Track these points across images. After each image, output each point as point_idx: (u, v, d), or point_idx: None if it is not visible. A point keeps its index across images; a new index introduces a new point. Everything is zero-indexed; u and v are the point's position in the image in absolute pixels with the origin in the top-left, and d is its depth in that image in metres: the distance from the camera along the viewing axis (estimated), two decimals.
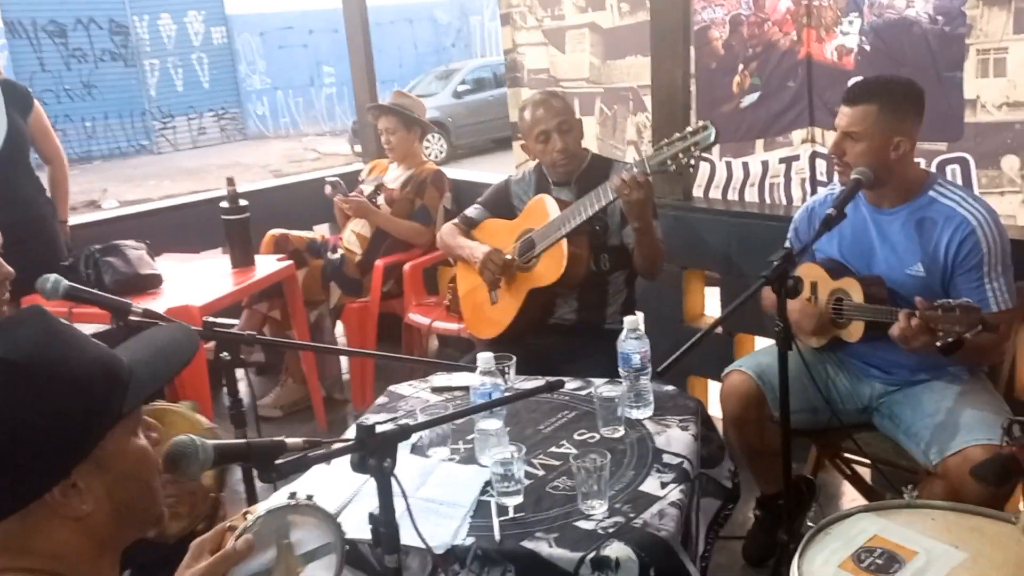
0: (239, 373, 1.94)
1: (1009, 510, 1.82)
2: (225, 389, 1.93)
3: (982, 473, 1.56)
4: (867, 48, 2.81)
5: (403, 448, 1.93)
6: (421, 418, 1.96)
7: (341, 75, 16.97)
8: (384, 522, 1.38)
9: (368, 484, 1.39)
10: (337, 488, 1.75)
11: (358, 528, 1.50)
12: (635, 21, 3.50)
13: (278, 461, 1.18)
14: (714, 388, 3.10)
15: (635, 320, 2.03)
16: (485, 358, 1.95)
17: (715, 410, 2.51)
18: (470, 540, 1.60)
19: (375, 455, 1.33)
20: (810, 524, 1.60)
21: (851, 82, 2.23)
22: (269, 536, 1.18)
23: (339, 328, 4.01)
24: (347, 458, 1.33)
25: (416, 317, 3.62)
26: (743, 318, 3.10)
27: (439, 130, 12.25)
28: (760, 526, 2.60)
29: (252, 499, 1.96)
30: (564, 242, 2.52)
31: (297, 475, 1.23)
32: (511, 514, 1.67)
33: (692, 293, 3.37)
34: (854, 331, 2.25)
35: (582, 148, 2.74)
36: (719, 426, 2.38)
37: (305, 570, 1.19)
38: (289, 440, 1.20)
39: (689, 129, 2.25)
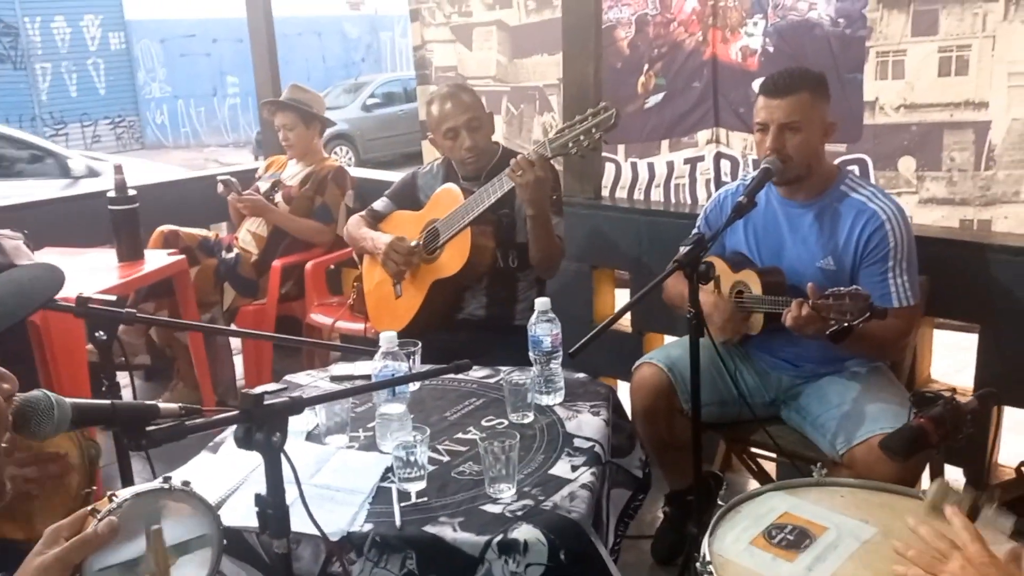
0: (123, 379, 1.78)
1: None
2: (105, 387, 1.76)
3: (891, 445, 1.56)
4: (770, 49, 2.86)
5: (299, 435, 1.83)
6: (320, 407, 1.85)
7: (245, 85, 16.54)
8: (272, 504, 1.26)
9: (257, 472, 1.27)
10: (225, 477, 1.63)
11: (245, 516, 1.38)
12: (541, 19, 3.49)
13: (149, 428, 1.06)
14: (624, 388, 3.08)
15: (545, 302, 1.98)
16: (388, 337, 1.86)
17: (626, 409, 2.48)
18: (368, 527, 1.50)
19: (262, 428, 1.21)
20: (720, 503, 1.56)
21: (764, 78, 2.24)
22: (137, 522, 1.04)
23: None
24: (239, 447, 1.22)
25: (318, 317, 3.48)
26: (653, 317, 3.10)
27: (347, 143, 12.09)
28: (669, 523, 2.57)
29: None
30: (468, 231, 2.45)
31: (172, 443, 1.10)
32: (413, 500, 1.58)
33: (602, 293, 3.35)
34: (755, 323, 2.25)
35: (492, 143, 2.69)
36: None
37: (177, 563, 1.05)
38: (163, 405, 1.07)
39: (590, 111, 2.22)
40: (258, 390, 1.21)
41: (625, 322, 3.34)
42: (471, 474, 1.67)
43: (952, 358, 2.76)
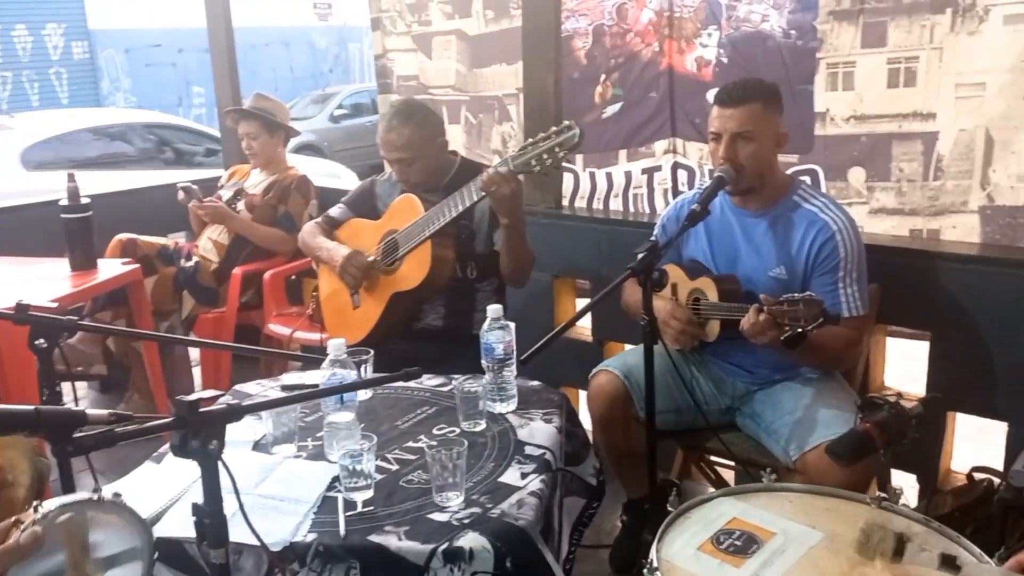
0: (68, 390, 1.73)
1: None
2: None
3: (837, 450, 1.57)
4: (725, 60, 2.89)
5: (245, 445, 1.80)
6: (267, 417, 1.82)
7: (211, 96, 16.29)
8: (210, 513, 1.24)
9: (200, 482, 1.25)
10: (167, 487, 1.59)
11: (185, 526, 1.35)
12: (500, 28, 3.49)
13: (77, 434, 1.03)
14: (584, 398, 3.08)
15: (498, 309, 1.97)
16: (336, 345, 1.83)
17: (586, 421, 2.47)
18: (312, 536, 1.48)
19: (198, 436, 1.19)
20: (670, 509, 1.56)
21: (718, 88, 2.27)
22: (62, 534, 1.01)
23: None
24: (175, 455, 1.19)
25: (276, 327, 3.44)
26: (614, 326, 3.11)
27: (314, 153, 12.01)
28: (627, 532, 2.57)
29: None
30: (429, 244, 2.44)
31: (100, 450, 1.08)
32: (359, 509, 1.56)
33: (563, 303, 3.35)
34: (712, 330, 2.27)
35: (449, 155, 2.68)
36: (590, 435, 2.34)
37: None
38: (91, 411, 1.05)
39: (553, 129, 2.22)
40: (193, 396, 1.18)
41: (586, 332, 3.35)
42: (420, 483, 1.65)
43: (906, 366, 2.80)
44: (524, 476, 1.66)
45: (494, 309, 1.97)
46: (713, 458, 2.60)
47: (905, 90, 2.53)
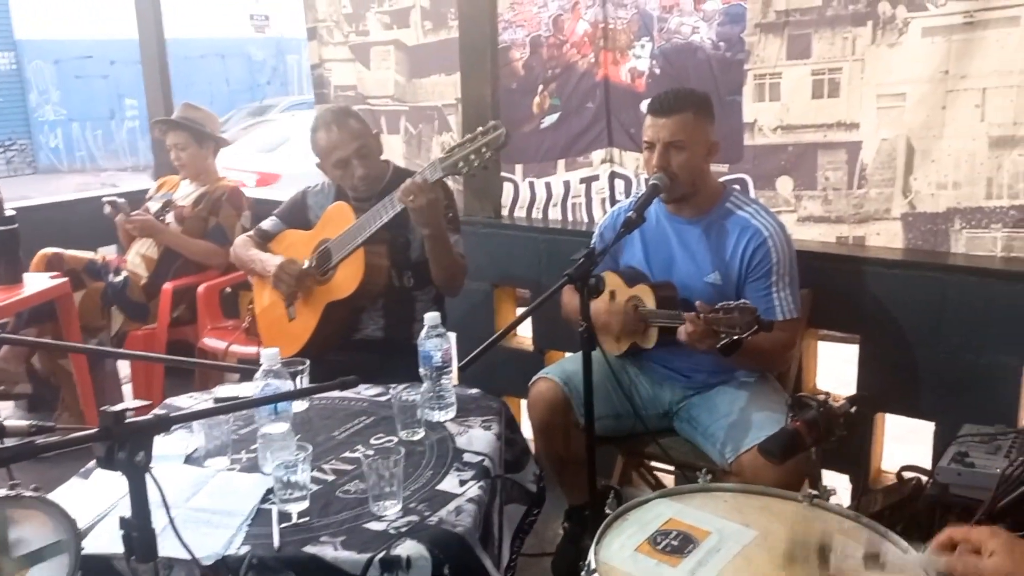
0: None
1: None
2: None
3: (769, 448, 1.60)
4: (657, 71, 2.94)
5: (177, 458, 1.76)
6: (199, 429, 1.78)
7: (145, 108, 16.02)
8: (138, 527, 1.20)
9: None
10: (95, 503, 1.55)
11: (113, 542, 1.31)
12: (438, 39, 3.50)
13: None
14: (526, 407, 3.09)
15: (435, 317, 1.96)
16: (269, 355, 1.81)
17: (527, 430, 2.48)
18: (245, 549, 1.44)
19: (125, 448, 1.16)
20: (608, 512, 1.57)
21: (652, 98, 2.32)
22: None
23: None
24: (101, 467, 1.16)
25: (211, 341, 3.37)
26: (554, 335, 3.13)
27: None
28: (568, 539, 2.57)
29: None
30: (362, 251, 2.42)
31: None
32: (295, 520, 1.53)
33: (503, 312, 3.36)
34: (650, 337, 2.30)
35: (382, 163, 2.67)
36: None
37: (30, 572, 0.99)
38: (10, 422, 1.01)
39: (480, 130, 2.23)
40: (119, 407, 1.15)
41: (526, 341, 3.36)
42: (356, 492, 1.64)
43: (837, 368, 2.87)
44: (463, 483, 1.66)
45: (431, 317, 1.96)
46: (653, 463, 2.62)
47: (829, 100, 2.61)
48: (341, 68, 3.89)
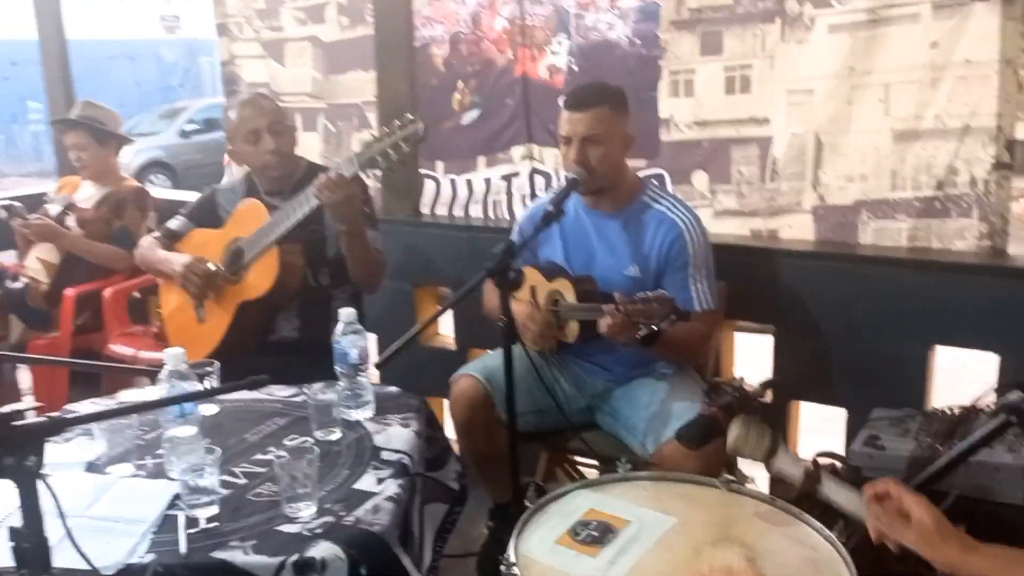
0: None
1: None
2: None
3: (686, 435, 1.62)
4: (575, 68, 2.95)
5: (78, 466, 1.67)
6: (101, 435, 1.70)
7: (49, 111, 15.35)
8: (29, 537, 1.13)
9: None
10: None
11: (2, 555, 1.23)
12: (356, 35, 3.44)
13: None
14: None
15: (351, 313, 1.91)
16: (174, 355, 1.73)
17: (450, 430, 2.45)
18: (150, 557, 1.37)
19: (14, 452, 1.09)
20: (528, 506, 1.55)
21: (567, 93, 2.33)
22: None
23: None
24: None
25: (119, 348, 3.23)
26: (476, 333, 3.10)
27: (164, 170, 11.48)
28: (493, 538, 2.55)
29: None
30: (276, 250, 2.35)
31: None
32: (203, 525, 1.47)
33: (425, 311, 3.32)
34: (571, 331, 2.30)
35: (296, 156, 2.61)
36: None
37: None
38: None
39: (397, 123, 2.20)
40: (7, 409, 1.08)
41: (449, 339, 3.33)
42: (269, 495, 1.58)
43: (754, 359, 2.92)
44: (380, 481, 1.62)
45: (347, 313, 1.91)
46: (577, 458, 2.62)
47: (741, 96, 2.65)
48: (252, 65, 3.79)
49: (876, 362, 2.43)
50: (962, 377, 2.89)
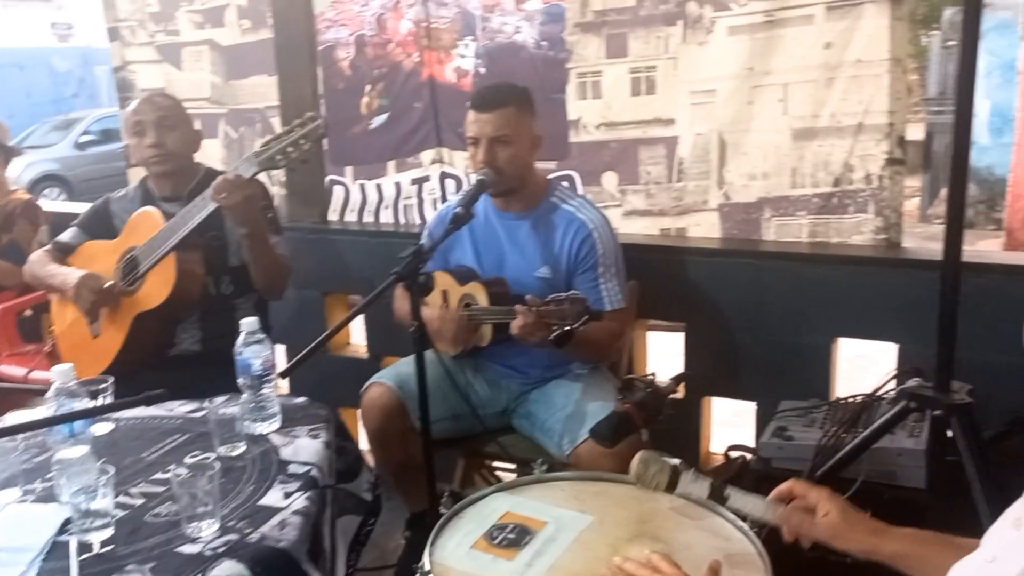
0: None
1: None
2: None
3: (600, 432, 1.61)
4: (483, 71, 2.94)
5: None
6: None
7: None
8: None
9: None
10: None
11: None
12: (258, 39, 3.34)
13: None
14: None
15: (253, 322, 1.84)
16: (61, 371, 1.63)
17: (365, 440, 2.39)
18: None
19: None
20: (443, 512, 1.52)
21: (473, 94, 2.32)
22: None
23: None
24: None
25: (8, 369, 3.05)
26: (389, 341, 3.04)
27: (58, 184, 10.98)
28: (411, 548, 2.50)
29: None
30: (172, 257, 2.25)
31: None
32: (97, 550, 1.38)
33: (335, 320, 3.22)
34: (484, 334, 2.27)
35: (194, 163, 2.52)
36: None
37: None
38: None
39: (296, 122, 2.15)
40: None
41: (361, 348, 3.26)
42: (168, 515, 1.49)
43: (667, 357, 2.95)
44: (287, 496, 1.55)
45: (249, 322, 1.84)
46: (495, 463, 2.60)
47: (647, 97, 2.69)
48: (148, 70, 3.64)
49: (782, 355, 2.49)
50: (864, 367, 3.00)
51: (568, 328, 1.89)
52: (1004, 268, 2.27)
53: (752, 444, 2.53)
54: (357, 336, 3.35)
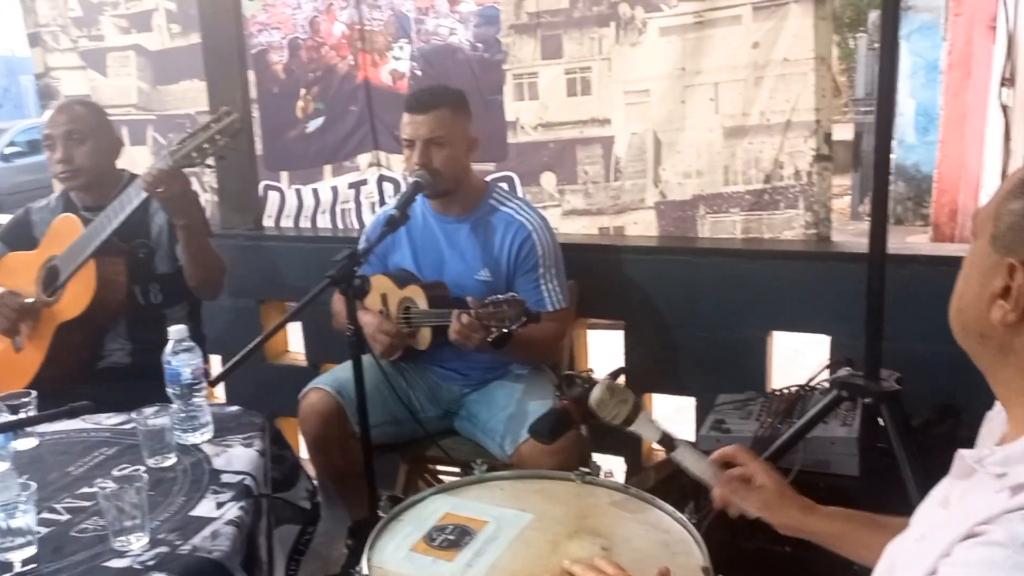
0: None
1: None
2: None
3: (538, 429, 1.61)
4: (419, 73, 2.92)
5: None
6: None
7: None
8: None
9: None
10: None
11: None
12: (188, 43, 3.27)
13: None
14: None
15: (181, 330, 1.79)
16: None
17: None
18: None
19: None
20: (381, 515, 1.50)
21: (408, 96, 2.31)
22: None
23: None
24: None
25: None
26: (327, 348, 3.00)
27: None
28: (354, 556, 2.46)
29: None
30: (92, 264, 2.19)
31: None
32: (18, 569, 1.32)
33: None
34: (423, 338, 2.26)
35: (118, 170, 2.46)
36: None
37: None
38: None
39: (212, 117, 2.12)
40: None
41: (300, 356, 3.21)
42: (96, 530, 1.44)
43: (607, 356, 2.97)
44: (220, 506, 1.51)
45: (176, 330, 1.78)
46: (438, 467, 2.58)
47: (582, 98, 2.71)
48: (71, 76, 3.54)
49: (719, 350, 2.52)
50: (797, 359, 3.06)
51: (507, 330, 1.89)
52: (929, 259, 2.33)
53: (692, 439, 2.57)
54: (295, 343, 3.29)
